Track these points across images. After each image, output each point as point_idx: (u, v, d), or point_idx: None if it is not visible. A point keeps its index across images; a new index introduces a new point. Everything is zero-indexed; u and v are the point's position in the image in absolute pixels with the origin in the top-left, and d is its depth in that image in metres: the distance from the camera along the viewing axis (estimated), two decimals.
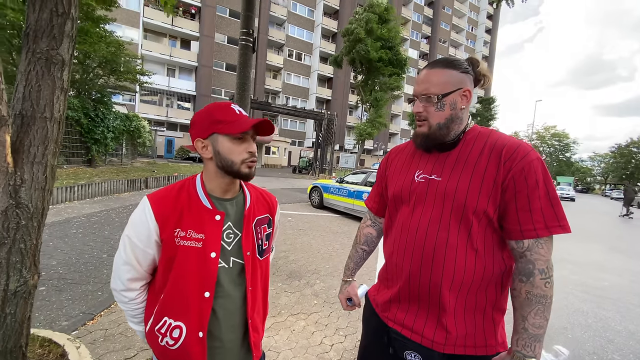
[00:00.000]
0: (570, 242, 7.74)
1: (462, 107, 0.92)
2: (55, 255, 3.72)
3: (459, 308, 0.89)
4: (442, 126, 0.92)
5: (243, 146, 0.86)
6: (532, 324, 0.82)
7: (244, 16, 4.09)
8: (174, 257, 0.84)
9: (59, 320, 2.43)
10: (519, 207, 0.84)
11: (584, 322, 3.25)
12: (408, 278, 0.93)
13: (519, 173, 0.83)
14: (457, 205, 0.87)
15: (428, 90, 0.91)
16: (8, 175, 1.07)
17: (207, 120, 0.86)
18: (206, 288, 0.85)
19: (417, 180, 0.96)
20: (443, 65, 0.93)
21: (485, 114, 39.23)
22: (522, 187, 0.83)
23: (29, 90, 1.10)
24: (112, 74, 11.43)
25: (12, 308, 1.13)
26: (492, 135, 0.92)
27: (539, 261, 0.83)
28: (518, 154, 0.85)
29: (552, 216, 0.83)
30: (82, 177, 8.24)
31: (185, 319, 0.85)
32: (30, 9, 1.08)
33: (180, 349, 0.84)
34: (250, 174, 0.90)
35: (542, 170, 0.84)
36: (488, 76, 0.97)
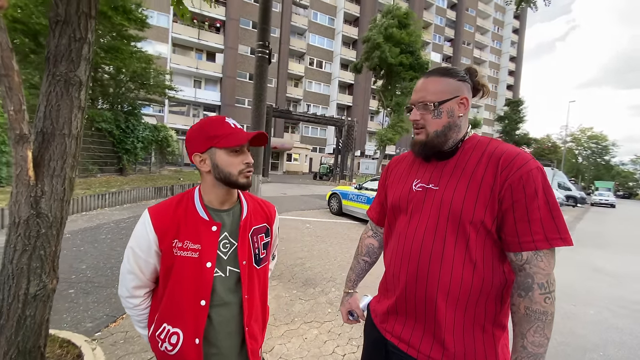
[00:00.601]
0: (609, 252, 7.21)
1: (460, 114, 0.91)
2: (85, 260, 3.95)
3: (457, 323, 0.86)
4: (440, 134, 0.91)
5: (240, 158, 0.90)
6: (532, 342, 0.77)
7: (260, 29, 4.22)
8: (172, 267, 0.89)
9: (84, 322, 2.58)
10: (517, 217, 0.80)
11: (618, 339, 3.01)
12: (404, 289, 0.91)
13: (516, 182, 0.80)
14: (453, 215, 0.85)
15: (425, 98, 0.92)
16: (29, 188, 1.17)
17: (204, 135, 0.89)
18: (202, 296, 0.88)
19: (415, 189, 0.95)
20: (440, 73, 0.93)
21: (514, 117, 37.69)
22: (519, 197, 0.80)
23: (49, 109, 1.21)
24: (142, 88, 12.11)
25: (31, 310, 1.22)
26: (491, 143, 0.91)
27: (538, 275, 0.78)
28: (516, 163, 0.82)
29: (552, 228, 0.79)
30: (113, 185, 8.74)
31: (183, 325, 0.88)
32: (50, 35, 1.19)
33: (178, 354, 0.88)
34: (248, 183, 0.93)
35: (541, 180, 0.81)
36: (487, 86, 0.97)
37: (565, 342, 2.89)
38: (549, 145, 48.50)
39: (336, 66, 36.83)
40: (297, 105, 35.93)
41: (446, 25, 45.84)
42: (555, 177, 21.72)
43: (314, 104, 36.23)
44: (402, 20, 19.09)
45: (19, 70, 1.10)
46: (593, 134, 47.53)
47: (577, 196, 21.67)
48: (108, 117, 10.30)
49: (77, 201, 6.40)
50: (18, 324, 1.21)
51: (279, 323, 2.81)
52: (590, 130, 47.99)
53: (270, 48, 4.22)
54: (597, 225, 12.35)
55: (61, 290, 3.05)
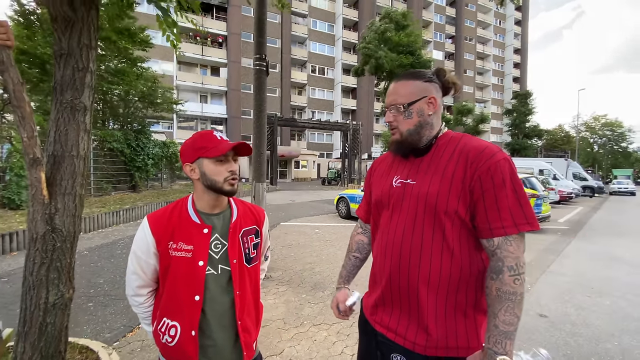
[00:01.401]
0: (628, 240, 7.02)
1: (430, 113, 0.97)
2: (102, 274, 4.12)
3: (440, 309, 0.90)
4: (413, 132, 0.98)
5: (225, 167, 0.99)
6: (503, 321, 0.83)
7: (256, 42, 4.37)
8: (168, 266, 0.99)
9: (103, 333, 2.70)
10: (487, 206, 0.86)
11: (633, 328, 2.95)
12: (389, 280, 0.97)
13: (485, 173, 0.86)
14: (429, 207, 0.91)
15: (396, 100, 0.99)
16: (44, 206, 1.30)
17: (192, 147, 1.00)
18: (196, 292, 0.97)
19: (395, 185, 1.01)
20: (407, 77, 1.00)
21: (522, 109, 37.06)
22: (488, 187, 0.86)
23: (59, 134, 1.34)
24: (150, 106, 12.51)
25: (52, 318, 1.34)
26: (463, 139, 0.96)
27: (508, 258, 0.84)
28: (484, 155, 0.88)
29: (519, 214, 0.85)
30: (127, 201, 9.01)
31: (180, 319, 0.98)
32: (56, 67, 1.33)
33: (176, 346, 0.97)
34: (233, 190, 1.02)
35: (509, 170, 0.87)
36: (457, 83, 1.02)
37: (578, 333, 2.85)
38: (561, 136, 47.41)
39: (338, 71, 37.12)
40: (301, 112, 36.27)
41: (446, 22, 45.74)
42: (569, 167, 21.19)
43: (319, 110, 36.51)
44: (399, 22, 19.17)
45: (29, 101, 1.22)
46: (607, 121, 46.19)
47: (594, 186, 21.08)
48: (119, 136, 10.67)
49: (93, 219, 6.65)
50: (40, 330, 1.33)
51: (288, 326, 2.87)
52: (604, 117, 46.68)
53: (267, 60, 4.36)
54: (616, 214, 12.00)
55: (80, 304, 3.20)
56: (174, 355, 0.99)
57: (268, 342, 2.58)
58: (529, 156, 32.46)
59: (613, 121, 45.69)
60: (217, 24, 30.11)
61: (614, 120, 45.70)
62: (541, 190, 8.27)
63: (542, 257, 5.49)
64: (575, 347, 2.63)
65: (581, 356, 2.50)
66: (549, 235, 7.44)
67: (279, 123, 21.22)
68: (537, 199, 7.79)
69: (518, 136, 37.87)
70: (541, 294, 3.77)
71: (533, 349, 0.90)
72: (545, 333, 2.85)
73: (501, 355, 0.82)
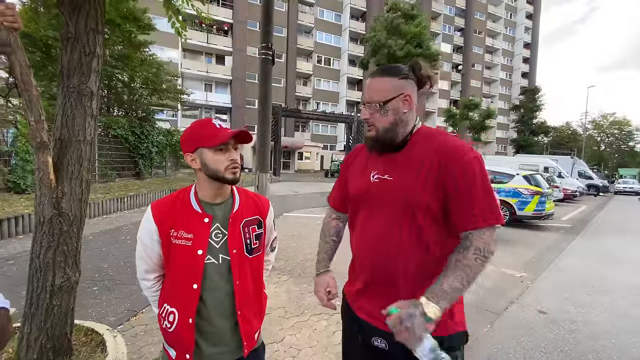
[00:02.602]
0: (630, 240, 6.99)
1: (405, 111, 0.98)
2: (107, 259, 4.17)
3: (417, 295, 0.91)
4: (389, 130, 0.99)
5: (225, 155, 0.98)
6: (449, 284, 0.86)
7: (263, 31, 4.31)
8: (170, 253, 1.00)
9: (108, 316, 2.75)
10: (460, 202, 0.91)
11: (631, 327, 2.97)
12: (370, 272, 1.01)
13: (457, 171, 0.90)
14: (404, 203, 0.94)
15: (372, 98, 0.99)
16: (51, 190, 1.31)
17: (192, 137, 0.99)
18: (194, 280, 0.98)
19: (373, 180, 1.03)
20: (382, 73, 1.00)
21: (530, 105, 36.58)
22: (461, 184, 0.90)
23: (65, 118, 1.34)
24: (155, 93, 12.47)
25: (58, 300, 1.36)
26: (438, 137, 0.99)
27: (477, 241, 0.89)
28: (457, 154, 0.92)
29: (489, 210, 0.91)
30: (131, 189, 9.08)
31: (178, 306, 0.99)
32: (63, 51, 1.32)
33: (175, 331, 0.99)
34: (235, 179, 1.00)
35: (479, 168, 0.91)
36: (432, 77, 1.02)
37: (577, 330, 2.87)
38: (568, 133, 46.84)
39: (344, 63, 36.69)
40: (306, 103, 36.03)
41: (456, 14, 44.82)
42: (575, 166, 21.01)
43: (324, 101, 36.24)
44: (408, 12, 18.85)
45: (37, 85, 1.22)
46: (615, 119, 45.50)
47: (598, 185, 20.93)
48: (123, 123, 10.68)
49: (98, 205, 6.71)
50: (47, 312, 1.36)
51: (289, 315, 2.91)
52: (613, 115, 45.98)
53: (273, 49, 4.31)
54: (620, 214, 11.93)
55: (85, 288, 3.26)
56: (173, 341, 1.01)
57: (269, 330, 2.62)
58: (534, 153, 32.17)
59: (621, 120, 45.02)
60: (223, 12, 29.73)
61: (622, 119, 45.02)
62: (545, 187, 8.21)
63: (543, 254, 5.49)
64: (573, 343, 2.65)
65: (578, 353, 2.52)
66: (551, 233, 7.42)
67: (283, 114, 21.12)
68: (541, 197, 7.74)
69: (524, 132, 37.47)
70: (541, 291, 3.79)
71: (442, 353, 0.83)
72: (544, 329, 2.87)
73: (430, 304, 0.83)
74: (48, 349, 1.38)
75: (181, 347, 0.99)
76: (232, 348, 1.03)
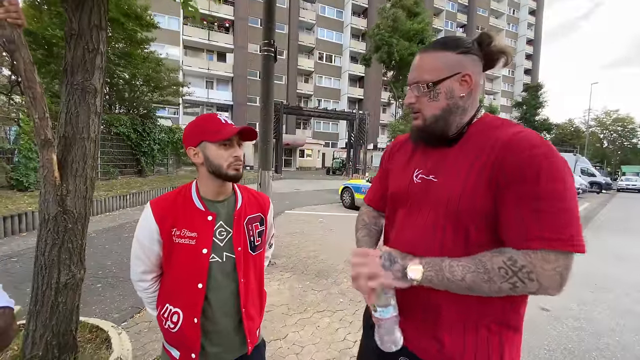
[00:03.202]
0: (633, 238, 6.96)
1: (462, 94, 0.79)
2: (110, 257, 4.19)
3: (459, 321, 0.77)
4: (439, 118, 0.80)
5: (229, 151, 0.96)
6: (449, 264, 0.70)
7: (265, 28, 4.29)
8: (172, 253, 0.98)
9: (112, 313, 2.77)
10: (509, 210, 0.69)
11: (635, 325, 2.96)
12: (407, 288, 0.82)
13: (514, 167, 0.69)
14: (451, 209, 0.76)
15: (419, 77, 0.81)
16: (56, 187, 1.31)
17: (196, 131, 0.98)
18: (199, 280, 0.96)
19: (415, 180, 0.86)
20: (438, 47, 0.80)
21: (532, 102, 36.39)
22: (512, 185, 0.68)
23: (70, 116, 1.34)
24: (156, 90, 12.47)
25: (63, 297, 1.37)
26: (502, 127, 0.78)
27: (523, 258, 0.66)
28: (518, 147, 0.70)
29: (553, 228, 0.65)
30: (133, 186, 9.10)
31: (182, 306, 0.97)
32: (67, 48, 1.32)
33: (179, 332, 0.97)
34: (237, 175, 0.98)
35: (549, 168, 0.66)
36: (508, 53, 0.81)
37: (580, 327, 2.87)
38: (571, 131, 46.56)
39: (346, 59, 36.57)
40: (308, 101, 35.97)
41: (458, 10, 44.54)
42: (578, 163, 20.94)
43: (325, 98, 36.17)
44: (411, 8, 18.73)
45: (40, 82, 1.22)
46: (619, 116, 45.18)
47: (601, 182, 20.85)
48: (125, 121, 10.69)
49: (101, 202, 6.74)
50: (52, 309, 1.36)
51: (292, 312, 2.92)
52: (616, 112, 45.64)
53: (275, 46, 4.29)
54: (622, 211, 11.88)
55: (89, 285, 3.27)
56: (176, 341, 0.99)
57: (272, 327, 2.63)
58: None
59: (624, 116, 44.70)
60: (225, 8, 29.64)
61: (625, 116, 44.70)
62: None
63: None
64: (577, 341, 2.64)
65: (582, 350, 2.51)
66: None
67: (284, 111, 21.09)
68: None
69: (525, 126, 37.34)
70: None
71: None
72: (547, 326, 2.87)
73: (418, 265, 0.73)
74: (53, 346, 1.38)
75: (185, 347, 0.97)
76: (236, 346, 1.03)
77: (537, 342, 2.61)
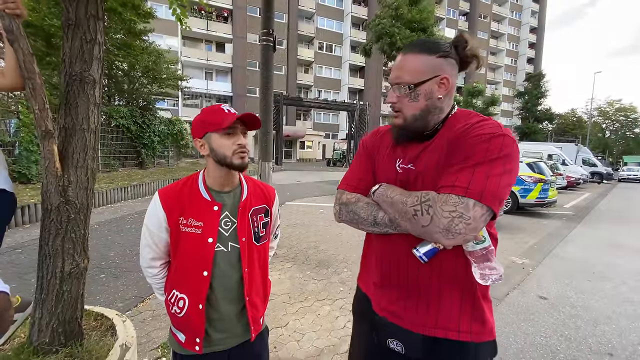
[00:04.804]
0: (633, 227, 6.99)
1: (440, 96, 0.85)
2: (113, 248, 4.24)
3: (444, 291, 0.85)
4: (418, 117, 0.86)
5: (232, 140, 0.98)
6: (397, 188, 0.87)
7: (263, 17, 4.24)
8: (178, 241, 1.00)
9: (116, 303, 2.82)
10: (448, 169, 0.78)
11: (631, 312, 3.00)
12: (389, 266, 0.92)
13: (466, 144, 0.78)
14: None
15: (401, 78, 0.86)
16: (57, 178, 1.32)
17: (201, 123, 0.99)
18: (204, 268, 0.99)
19: (398, 171, 0.92)
20: (417, 49, 0.85)
21: (534, 92, 36.03)
22: (457, 156, 0.78)
23: (69, 107, 1.34)
24: (155, 82, 12.38)
25: (68, 286, 1.40)
26: (467, 117, 0.86)
27: (432, 196, 0.76)
28: (473, 128, 0.79)
29: (472, 184, 0.73)
30: (134, 178, 9.12)
31: (188, 292, 1.00)
32: (64, 39, 1.31)
33: (184, 317, 1.00)
34: (243, 164, 1.00)
35: (498, 148, 0.75)
36: (479, 56, 0.88)
37: (577, 315, 2.91)
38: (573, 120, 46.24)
39: (346, 49, 36.13)
40: (308, 91, 35.70)
41: None
42: (579, 153, 20.86)
43: (325, 89, 35.88)
44: None
45: (40, 72, 1.22)
46: (622, 106, 44.75)
47: (602, 172, 20.80)
48: (125, 113, 10.65)
49: (102, 194, 6.77)
50: (57, 297, 1.39)
51: (293, 301, 2.97)
52: (619, 102, 45.19)
53: (274, 36, 4.24)
54: (623, 201, 11.89)
55: (93, 275, 3.32)
56: (182, 326, 1.02)
57: (273, 315, 2.68)
58: (538, 140, 31.89)
59: (627, 106, 44.28)
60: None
61: (628, 105, 44.28)
62: (549, 175, 8.19)
63: (545, 241, 5.52)
64: (574, 328, 2.69)
65: (579, 337, 2.56)
66: (554, 221, 7.43)
67: (284, 102, 20.96)
68: (544, 184, 7.73)
69: (529, 120, 37.04)
70: (542, 277, 3.82)
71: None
72: (545, 314, 2.91)
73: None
74: (60, 333, 1.42)
75: (191, 330, 1.00)
76: (239, 332, 1.06)
77: (534, 329, 2.65)
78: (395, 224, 0.85)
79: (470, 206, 0.72)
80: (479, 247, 0.78)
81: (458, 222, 0.72)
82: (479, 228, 0.74)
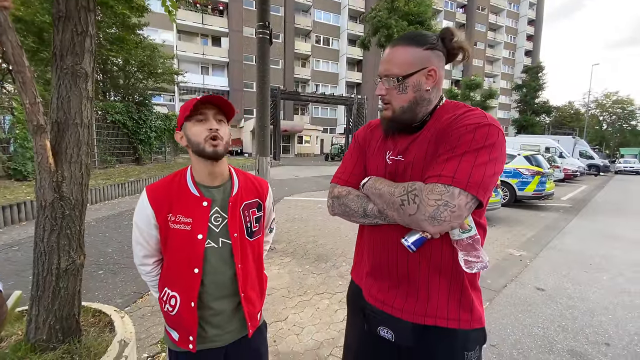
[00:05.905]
0: (630, 219, 7.04)
1: (427, 88, 0.86)
2: (110, 244, 4.22)
3: (433, 280, 0.87)
4: (407, 109, 0.88)
5: (204, 126, 0.94)
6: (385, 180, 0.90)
7: (259, 9, 4.17)
8: (168, 238, 0.98)
9: (115, 299, 2.81)
10: (436, 159, 0.80)
11: (628, 303, 3.03)
12: (379, 256, 0.94)
13: (453, 135, 0.79)
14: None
15: (389, 71, 0.87)
16: (51, 174, 1.30)
17: (180, 114, 0.98)
18: (195, 265, 0.97)
19: (388, 162, 0.94)
20: (406, 42, 0.87)
21: (532, 84, 35.97)
22: (445, 147, 0.80)
23: (61, 101, 1.31)
24: (150, 77, 12.25)
25: (64, 283, 1.39)
26: (455, 109, 0.88)
27: (418, 186, 0.79)
28: (460, 119, 0.81)
29: (457, 174, 0.75)
30: (131, 174, 9.08)
31: (179, 290, 0.99)
32: (55, 31, 1.28)
33: (177, 315, 0.99)
34: (215, 152, 0.94)
35: (484, 138, 0.77)
36: (466, 49, 0.88)
37: (574, 306, 2.93)
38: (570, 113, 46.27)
39: (344, 42, 35.83)
40: (305, 85, 35.46)
41: None
42: (576, 146, 20.92)
43: (323, 83, 35.66)
44: None
45: (30, 66, 1.19)
46: (619, 98, 44.74)
47: (599, 164, 20.89)
48: (121, 108, 10.55)
49: (99, 191, 6.73)
50: (54, 294, 1.38)
51: (292, 295, 2.97)
52: (616, 94, 45.17)
53: (271, 28, 4.19)
54: (620, 194, 11.97)
55: (91, 272, 3.31)
56: (175, 324, 1.01)
57: (273, 309, 2.69)
58: (536, 133, 31.95)
59: (624, 98, 44.28)
60: None
61: (624, 98, 44.28)
62: (546, 167, 8.21)
63: (542, 233, 5.55)
64: (571, 319, 2.71)
65: (576, 327, 2.58)
66: (551, 213, 7.47)
67: (282, 96, 20.83)
68: (541, 177, 7.76)
69: (526, 112, 37.05)
70: (539, 269, 3.85)
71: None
72: (542, 305, 2.94)
73: None
74: (57, 330, 1.41)
75: (184, 329, 0.99)
76: (236, 328, 1.05)
77: (531, 320, 2.67)
78: (384, 214, 0.87)
79: (456, 194, 0.74)
80: (465, 235, 0.80)
81: (443, 210, 0.74)
82: (464, 216, 0.76)
